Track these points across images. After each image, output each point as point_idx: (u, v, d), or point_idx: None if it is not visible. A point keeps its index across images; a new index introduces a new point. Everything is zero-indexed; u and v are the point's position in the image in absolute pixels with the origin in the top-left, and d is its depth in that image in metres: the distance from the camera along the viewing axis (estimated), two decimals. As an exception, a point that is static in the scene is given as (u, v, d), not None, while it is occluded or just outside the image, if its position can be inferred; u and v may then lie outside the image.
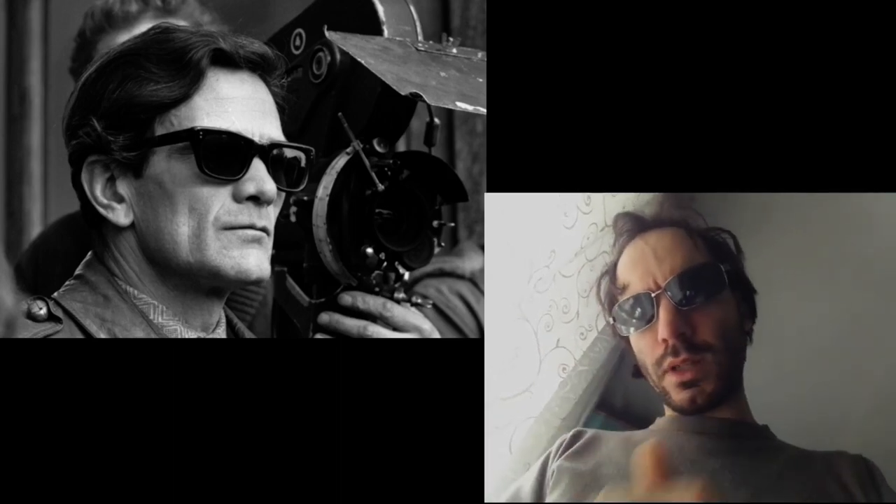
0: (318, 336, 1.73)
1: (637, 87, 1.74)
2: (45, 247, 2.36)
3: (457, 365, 1.58)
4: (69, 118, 1.55)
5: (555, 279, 2.08)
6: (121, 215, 1.53)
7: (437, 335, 1.75)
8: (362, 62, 1.63)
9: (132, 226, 1.53)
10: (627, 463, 1.64)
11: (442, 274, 2.47)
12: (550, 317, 2.07)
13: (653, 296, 1.66)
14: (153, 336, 1.52)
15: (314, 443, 1.54)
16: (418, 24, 1.76)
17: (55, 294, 1.55)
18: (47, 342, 1.49)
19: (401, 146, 2.23)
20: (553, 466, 1.71)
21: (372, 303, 1.71)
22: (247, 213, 1.52)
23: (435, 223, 1.71)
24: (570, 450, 1.72)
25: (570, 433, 1.76)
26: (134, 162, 1.51)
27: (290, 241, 1.73)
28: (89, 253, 1.58)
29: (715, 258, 1.71)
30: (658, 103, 1.74)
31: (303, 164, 1.58)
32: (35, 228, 3.12)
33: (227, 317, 1.61)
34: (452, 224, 2.58)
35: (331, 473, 1.54)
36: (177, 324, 1.54)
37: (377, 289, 1.71)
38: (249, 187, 1.52)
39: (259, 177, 1.52)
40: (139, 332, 1.52)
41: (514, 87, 1.74)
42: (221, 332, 1.58)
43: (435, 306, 2.35)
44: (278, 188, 1.54)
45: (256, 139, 1.52)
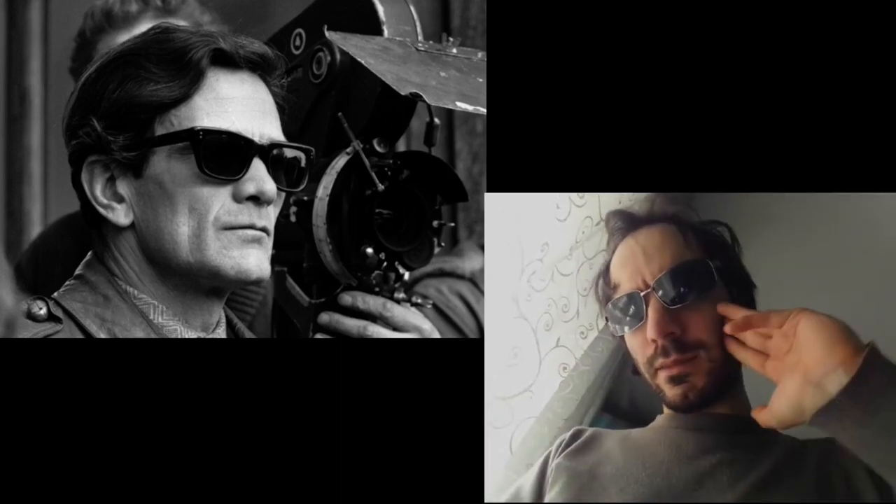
0: (318, 336, 1.73)
1: (637, 88, 1.75)
2: (45, 247, 2.36)
3: (457, 365, 1.58)
4: (69, 118, 1.55)
5: (553, 277, 2.08)
6: (121, 215, 1.53)
7: (437, 335, 1.74)
8: (362, 62, 1.63)
9: (132, 226, 1.53)
10: (625, 462, 1.65)
11: (442, 274, 2.47)
12: (550, 316, 2.06)
13: (642, 295, 1.65)
14: (153, 336, 1.52)
15: (314, 443, 1.54)
16: (418, 24, 1.76)
17: (55, 294, 1.55)
18: (47, 342, 1.49)
19: (401, 146, 2.23)
20: (552, 465, 1.71)
21: (372, 303, 1.71)
22: (247, 213, 1.52)
23: (435, 223, 1.71)
24: (569, 448, 1.72)
25: (570, 432, 1.76)
26: (134, 162, 1.51)
27: (290, 241, 1.73)
28: (89, 253, 1.58)
29: (706, 254, 1.69)
30: (658, 103, 1.74)
31: (303, 164, 1.58)
32: (35, 228, 3.12)
33: (227, 317, 1.61)
34: (452, 224, 2.58)
35: (331, 473, 1.54)
36: (177, 324, 1.54)
37: (377, 289, 1.71)
38: (249, 187, 1.51)
39: (259, 177, 1.52)
40: (139, 332, 1.52)
41: (513, 87, 1.74)
42: (221, 332, 1.58)
43: (435, 306, 2.35)
44: (278, 188, 1.54)
45: (256, 139, 1.52)
